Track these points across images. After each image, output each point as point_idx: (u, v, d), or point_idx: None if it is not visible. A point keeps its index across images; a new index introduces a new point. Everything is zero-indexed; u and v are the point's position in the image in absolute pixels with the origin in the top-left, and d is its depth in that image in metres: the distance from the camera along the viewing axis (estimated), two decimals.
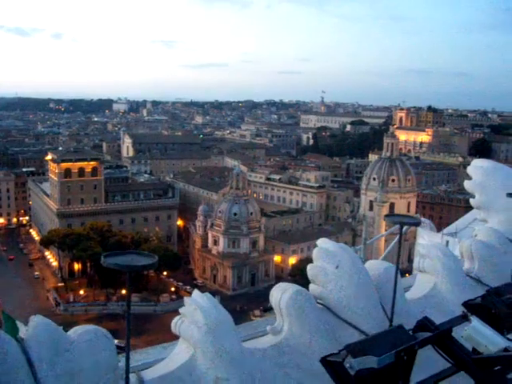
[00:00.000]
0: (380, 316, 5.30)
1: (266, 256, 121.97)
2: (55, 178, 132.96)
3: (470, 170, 8.71)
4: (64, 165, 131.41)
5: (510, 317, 4.15)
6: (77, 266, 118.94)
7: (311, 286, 5.49)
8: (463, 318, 3.95)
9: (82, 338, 3.91)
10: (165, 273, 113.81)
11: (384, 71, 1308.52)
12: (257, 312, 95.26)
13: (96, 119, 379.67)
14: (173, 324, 4.72)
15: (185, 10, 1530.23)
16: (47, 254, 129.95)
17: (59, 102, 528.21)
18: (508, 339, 3.77)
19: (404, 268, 8.16)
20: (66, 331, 4.07)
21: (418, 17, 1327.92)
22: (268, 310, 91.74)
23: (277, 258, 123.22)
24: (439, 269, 6.46)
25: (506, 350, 3.61)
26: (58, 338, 3.84)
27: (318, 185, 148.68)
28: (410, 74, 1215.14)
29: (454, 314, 4.13)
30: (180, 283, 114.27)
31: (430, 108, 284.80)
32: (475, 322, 3.84)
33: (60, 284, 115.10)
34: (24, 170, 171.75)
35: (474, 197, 8.59)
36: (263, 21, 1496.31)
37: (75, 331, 4.00)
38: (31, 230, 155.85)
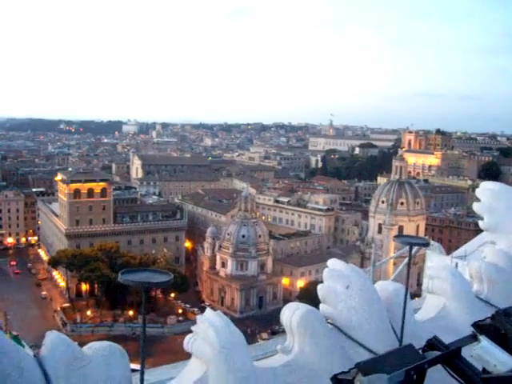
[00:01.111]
0: (390, 336, 5.34)
1: (274, 279, 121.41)
2: (64, 199, 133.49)
3: (478, 192, 8.77)
4: (73, 185, 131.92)
5: None
6: (84, 287, 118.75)
7: (321, 306, 5.54)
8: (472, 338, 3.99)
9: (97, 354, 3.98)
10: (172, 294, 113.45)
11: (393, 94, 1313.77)
12: (264, 335, 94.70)
13: (106, 140, 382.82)
14: (185, 341, 4.77)
15: (192, 31, 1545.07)
16: (55, 274, 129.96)
17: (69, 123, 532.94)
18: None
19: (413, 292, 8.13)
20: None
21: (427, 40, 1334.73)
22: (276, 332, 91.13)
23: (285, 281, 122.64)
24: (448, 290, 6.49)
25: None
26: (74, 354, 3.91)
27: (326, 207, 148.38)
28: (418, 97, 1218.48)
29: (464, 335, 4.16)
30: (187, 305, 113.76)
31: (438, 131, 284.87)
32: (484, 341, 3.88)
33: (67, 304, 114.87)
34: (34, 190, 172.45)
35: (482, 219, 8.64)
36: (272, 43, 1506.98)
37: (90, 347, 4.07)
38: (40, 250, 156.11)
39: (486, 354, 3.78)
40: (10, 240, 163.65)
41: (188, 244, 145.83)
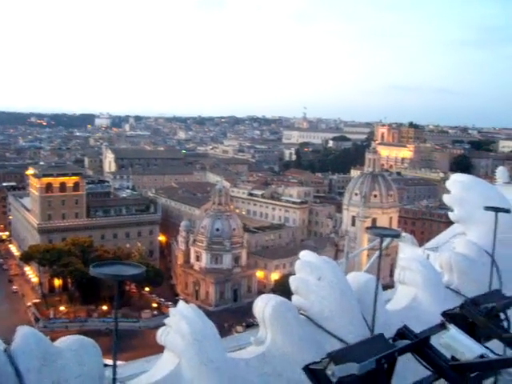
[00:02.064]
0: (361, 326, 5.41)
1: (248, 272, 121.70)
2: (36, 193, 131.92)
3: (448, 184, 8.91)
4: (45, 179, 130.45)
5: (486, 325, 4.28)
6: (57, 282, 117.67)
7: (294, 298, 5.59)
8: (441, 327, 4.07)
9: (69, 348, 3.96)
10: (147, 289, 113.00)
11: (367, 87, 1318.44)
12: (239, 328, 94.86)
13: (78, 134, 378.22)
14: (158, 334, 4.78)
15: (174, 23, 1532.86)
16: (27, 269, 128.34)
17: (41, 116, 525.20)
18: (484, 347, 3.90)
19: (386, 283, 8.28)
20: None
21: (399, 34, 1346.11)
22: (251, 325, 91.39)
23: (259, 274, 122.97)
24: (419, 281, 6.59)
25: (482, 356, 3.74)
26: (46, 348, 3.88)
27: (300, 200, 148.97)
28: (391, 91, 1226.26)
29: (434, 324, 4.24)
30: (162, 299, 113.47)
31: (411, 124, 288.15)
32: (453, 330, 3.97)
33: (40, 300, 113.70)
34: (4, 184, 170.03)
35: (453, 211, 8.78)
36: (246, 35, 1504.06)
37: (62, 341, 4.05)
38: (11, 246, 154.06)
39: (454, 342, 3.87)
40: None
41: (162, 238, 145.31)
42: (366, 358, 3.51)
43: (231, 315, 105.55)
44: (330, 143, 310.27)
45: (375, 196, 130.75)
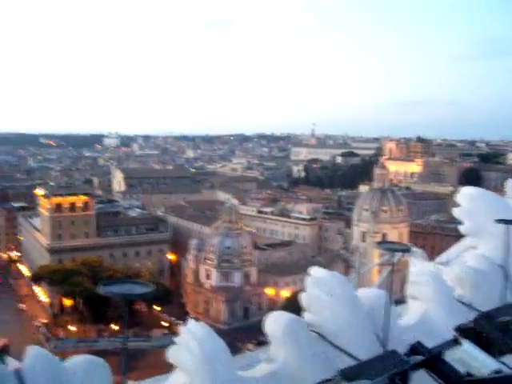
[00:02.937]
0: (373, 342, 5.34)
1: (258, 289, 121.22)
2: (46, 213, 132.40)
3: (458, 197, 8.89)
4: (55, 200, 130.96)
5: (500, 340, 4.21)
6: (68, 302, 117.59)
7: (305, 314, 5.54)
8: (455, 342, 4.02)
9: (78, 368, 3.94)
10: (157, 308, 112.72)
11: (373, 102, 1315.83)
12: (250, 346, 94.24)
13: (87, 154, 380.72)
14: (168, 353, 4.74)
15: (166, 34, 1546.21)
16: (38, 289, 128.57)
17: (50, 137, 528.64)
18: (499, 361, 3.83)
19: (398, 298, 8.21)
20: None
21: (404, 49, 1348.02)
22: (262, 343, 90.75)
23: (270, 291, 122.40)
24: (430, 295, 6.53)
25: (497, 371, 3.67)
26: (56, 368, 3.85)
27: (309, 217, 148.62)
28: (398, 105, 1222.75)
29: (446, 338, 4.18)
30: (172, 318, 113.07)
31: (419, 138, 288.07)
32: (466, 345, 3.91)
33: (50, 320, 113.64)
34: (14, 205, 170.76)
35: (463, 224, 8.72)
36: (254, 55, 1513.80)
37: (72, 361, 4.03)
38: (21, 266, 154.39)
39: (469, 357, 3.80)
40: None
41: (172, 256, 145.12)
42: (379, 374, 3.46)
43: (242, 333, 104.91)
44: (339, 159, 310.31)
45: (385, 211, 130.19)
